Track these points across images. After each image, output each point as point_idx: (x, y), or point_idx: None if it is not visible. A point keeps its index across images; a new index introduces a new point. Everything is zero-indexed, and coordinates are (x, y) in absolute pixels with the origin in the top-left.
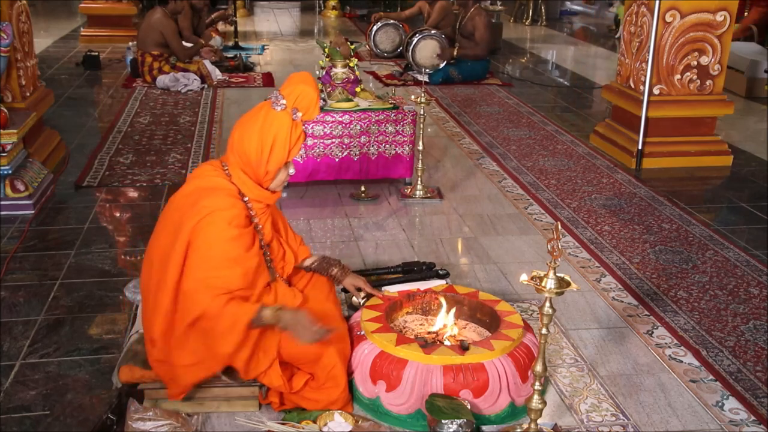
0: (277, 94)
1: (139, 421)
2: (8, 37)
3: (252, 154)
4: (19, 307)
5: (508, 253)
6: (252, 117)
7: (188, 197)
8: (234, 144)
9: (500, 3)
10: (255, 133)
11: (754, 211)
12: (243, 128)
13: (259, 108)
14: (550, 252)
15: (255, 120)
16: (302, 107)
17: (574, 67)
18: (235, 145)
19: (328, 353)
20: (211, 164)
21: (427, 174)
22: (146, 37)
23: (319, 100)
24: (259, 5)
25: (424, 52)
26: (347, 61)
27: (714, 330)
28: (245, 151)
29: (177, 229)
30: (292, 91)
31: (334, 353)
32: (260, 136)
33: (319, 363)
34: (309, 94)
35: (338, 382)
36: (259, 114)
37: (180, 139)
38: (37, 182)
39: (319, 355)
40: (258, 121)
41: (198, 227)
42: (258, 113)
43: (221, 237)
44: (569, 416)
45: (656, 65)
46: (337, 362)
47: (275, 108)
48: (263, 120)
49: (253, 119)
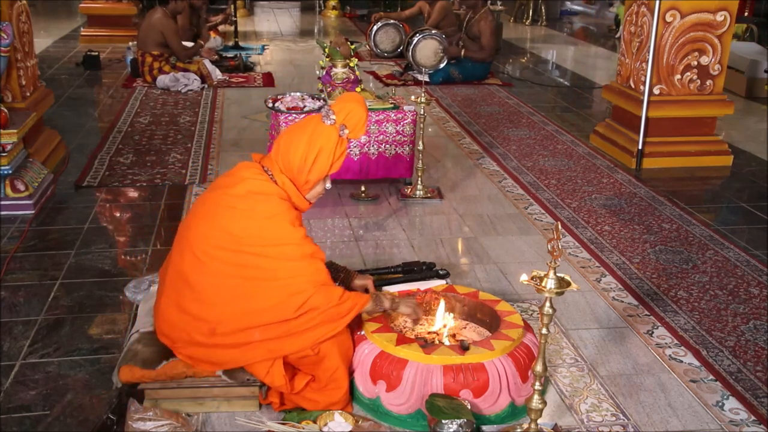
0: (328, 109)
1: (139, 421)
2: (8, 37)
3: (296, 161)
4: (19, 307)
5: (508, 253)
6: (301, 127)
7: (241, 199)
8: (280, 149)
9: (500, 3)
10: (303, 141)
11: (754, 211)
12: (291, 136)
13: (310, 119)
14: (550, 252)
15: (304, 130)
16: (350, 125)
17: (574, 67)
18: (282, 150)
19: (331, 356)
20: (254, 167)
21: (427, 174)
22: (146, 37)
23: (367, 121)
24: (259, 5)
25: (424, 52)
26: (347, 61)
27: (714, 330)
28: (290, 158)
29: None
30: (343, 108)
31: (336, 356)
32: (307, 145)
33: (322, 365)
34: (359, 114)
35: (340, 385)
36: (308, 125)
37: (180, 139)
38: (37, 182)
39: (322, 358)
40: (307, 131)
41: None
42: (308, 124)
43: (294, 236)
44: (569, 416)
45: (656, 65)
46: (340, 365)
47: (325, 121)
48: (312, 131)
49: (302, 129)
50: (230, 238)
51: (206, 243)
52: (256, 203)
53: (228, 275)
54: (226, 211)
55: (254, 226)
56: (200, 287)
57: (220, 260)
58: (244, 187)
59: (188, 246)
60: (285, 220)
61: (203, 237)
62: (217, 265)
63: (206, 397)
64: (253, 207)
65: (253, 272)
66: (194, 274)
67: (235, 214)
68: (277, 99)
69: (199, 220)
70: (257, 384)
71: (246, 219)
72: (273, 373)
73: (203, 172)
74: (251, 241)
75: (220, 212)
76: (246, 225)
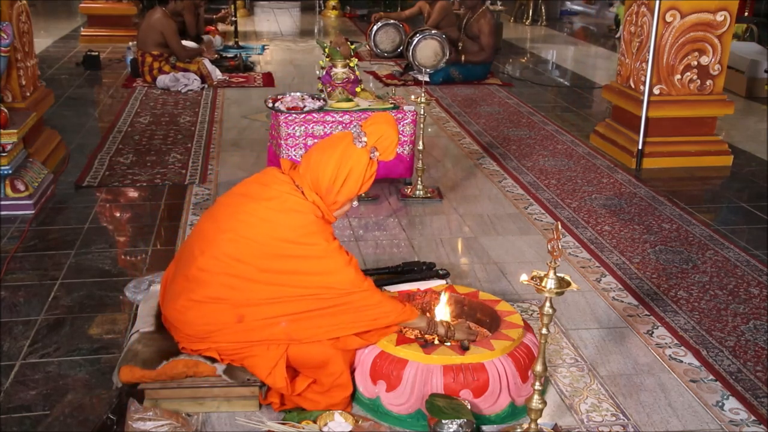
0: (360, 131)
1: (140, 421)
2: (8, 37)
3: (325, 181)
4: (19, 307)
5: (508, 253)
6: (332, 146)
7: (279, 214)
8: (310, 167)
9: (500, 3)
10: (332, 162)
11: (754, 211)
12: (321, 154)
13: (340, 139)
14: (550, 252)
15: (334, 149)
16: (381, 148)
17: (574, 67)
18: (312, 167)
19: (335, 360)
20: (287, 182)
21: (427, 174)
22: (146, 37)
23: (398, 144)
24: (259, 5)
25: (424, 52)
26: (347, 61)
27: (714, 330)
28: (319, 177)
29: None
30: (376, 130)
31: (340, 360)
32: (337, 166)
33: (326, 369)
34: (391, 137)
35: (346, 388)
36: (339, 145)
37: (180, 139)
38: (37, 182)
39: (326, 362)
40: (337, 151)
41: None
42: (338, 143)
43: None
44: (569, 416)
45: (656, 65)
46: (345, 369)
47: (357, 144)
48: (342, 152)
49: (333, 148)
50: (264, 247)
51: (235, 248)
52: (294, 221)
53: (259, 281)
54: (263, 223)
55: (293, 239)
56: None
57: (251, 265)
58: (281, 203)
59: (216, 247)
60: (322, 238)
61: (231, 241)
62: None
63: (206, 397)
64: (291, 224)
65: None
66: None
67: (271, 227)
68: (277, 99)
69: (226, 224)
70: (257, 384)
71: (284, 233)
72: (275, 375)
73: (203, 172)
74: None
75: (253, 222)
76: (284, 238)
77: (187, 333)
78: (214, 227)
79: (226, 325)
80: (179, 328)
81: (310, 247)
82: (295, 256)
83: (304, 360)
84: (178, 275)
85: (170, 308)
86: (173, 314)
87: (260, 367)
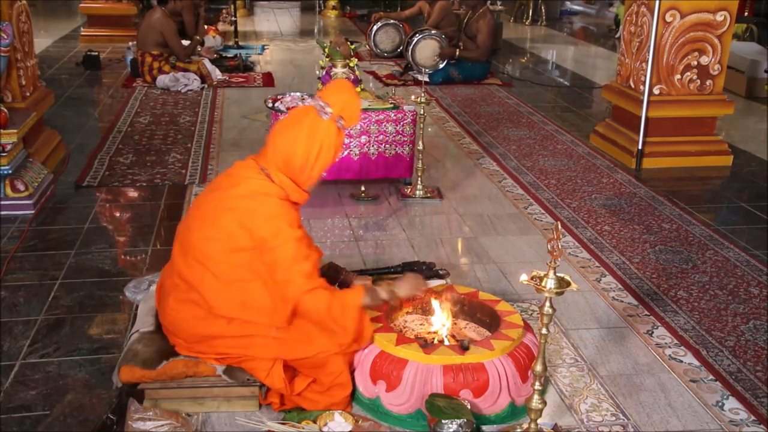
0: (322, 103)
1: (139, 421)
2: (8, 37)
3: (298, 159)
4: (19, 307)
5: (508, 253)
6: (296, 123)
7: (242, 200)
8: (278, 148)
9: (500, 3)
10: (302, 139)
11: (754, 211)
12: (287, 134)
13: (303, 114)
14: (550, 252)
15: (300, 126)
16: (347, 115)
17: (574, 67)
18: (280, 148)
19: (335, 360)
20: (251, 166)
21: (427, 174)
22: (146, 37)
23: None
24: (259, 5)
25: (424, 52)
26: (347, 61)
27: (714, 330)
28: (290, 157)
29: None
30: (338, 99)
31: (340, 360)
32: (308, 143)
33: (325, 369)
34: (354, 103)
35: (345, 387)
36: (304, 121)
37: (180, 139)
38: (37, 182)
39: (325, 362)
40: (303, 128)
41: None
42: (303, 119)
43: (290, 238)
44: (569, 416)
45: (656, 65)
46: (344, 369)
47: (322, 116)
48: (309, 127)
49: (298, 125)
50: (230, 239)
51: (208, 246)
52: (257, 204)
53: (229, 279)
54: (227, 212)
55: (254, 227)
56: (202, 289)
57: (221, 263)
58: (245, 187)
59: (190, 250)
60: (284, 222)
61: (204, 240)
62: (219, 267)
63: (206, 397)
64: (255, 208)
65: (250, 275)
66: (196, 276)
67: (235, 216)
68: (276, 99)
69: (199, 222)
70: (257, 384)
71: (246, 220)
72: (273, 375)
73: (203, 172)
74: (251, 243)
75: (219, 214)
76: (246, 226)
77: (183, 338)
78: (187, 227)
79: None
80: (174, 333)
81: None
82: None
83: (304, 360)
84: (166, 279)
85: (163, 312)
86: (166, 318)
87: (258, 369)
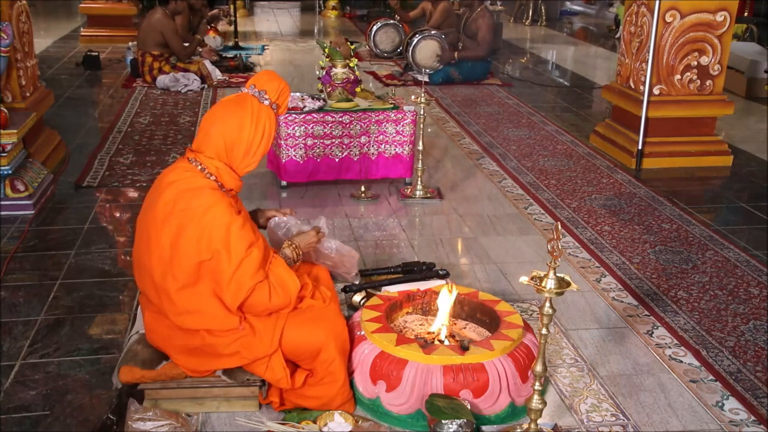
0: (259, 90)
1: (139, 421)
2: (8, 37)
3: (242, 144)
4: (19, 307)
5: (508, 253)
6: (238, 109)
7: (175, 203)
8: (218, 136)
9: (500, 3)
10: (246, 125)
11: (754, 211)
12: (229, 121)
13: (242, 101)
14: (550, 252)
15: (243, 113)
16: (281, 102)
17: (574, 67)
18: (220, 137)
19: (327, 348)
20: (177, 167)
21: (427, 174)
22: (146, 37)
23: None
24: (259, 5)
25: (424, 53)
26: (347, 61)
27: (714, 330)
28: (234, 142)
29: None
30: (273, 87)
31: (333, 348)
32: (253, 127)
33: (318, 358)
34: (287, 91)
35: (337, 377)
36: (245, 107)
37: (180, 139)
38: (37, 182)
39: (318, 350)
40: (246, 114)
41: (202, 229)
42: (244, 106)
43: (230, 229)
44: (569, 416)
45: (656, 65)
46: (336, 357)
47: (263, 102)
48: (252, 113)
49: (240, 111)
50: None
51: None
52: (189, 201)
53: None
54: (163, 227)
55: (193, 228)
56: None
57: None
58: (171, 191)
59: (147, 275)
60: (220, 213)
61: (156, 264)
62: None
63: (206, 397)
64: (187, 206)
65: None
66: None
67: (172, 224)
68: None
69: (144, 247)
70: (257, 384)
71: (184, 223)
72: (272, 367)
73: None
74: (196, 248)
75: (155, 233)
76: (185, 230)
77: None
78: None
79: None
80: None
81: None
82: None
83: (298, 349)
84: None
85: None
86: (147, 334)
87: (256, 365)
